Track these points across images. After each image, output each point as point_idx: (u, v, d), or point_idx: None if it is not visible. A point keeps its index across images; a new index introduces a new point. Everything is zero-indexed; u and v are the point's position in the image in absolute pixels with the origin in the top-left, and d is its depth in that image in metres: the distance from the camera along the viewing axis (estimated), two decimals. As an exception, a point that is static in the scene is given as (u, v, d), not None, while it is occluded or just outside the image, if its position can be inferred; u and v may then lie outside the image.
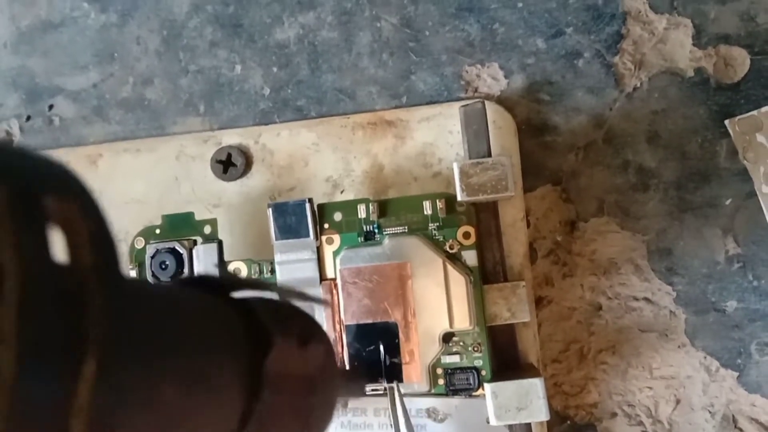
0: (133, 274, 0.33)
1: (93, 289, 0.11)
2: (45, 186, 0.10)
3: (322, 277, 0.32)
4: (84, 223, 0.11)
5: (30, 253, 0.10)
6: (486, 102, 0.32)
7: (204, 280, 0.17)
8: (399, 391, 0.30)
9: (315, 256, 0.32)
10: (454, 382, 0.30)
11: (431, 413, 0.31)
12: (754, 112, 0.33)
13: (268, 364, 0.16)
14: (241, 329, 0.17)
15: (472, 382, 0.30)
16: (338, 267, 0.31)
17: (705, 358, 0.33)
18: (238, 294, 0.18)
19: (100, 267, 0.11)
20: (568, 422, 0.33)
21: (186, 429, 0.14)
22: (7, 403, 0.09)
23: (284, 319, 0.18)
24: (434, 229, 0.31)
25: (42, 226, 0.10)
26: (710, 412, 0.33)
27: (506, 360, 0.31)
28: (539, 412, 0.29)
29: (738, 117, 0.33)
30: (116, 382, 0.11)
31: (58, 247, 0.10)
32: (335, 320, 0.31)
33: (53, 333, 0.10)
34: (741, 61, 0.33)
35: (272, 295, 0.20)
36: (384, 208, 0.32)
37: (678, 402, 0.33)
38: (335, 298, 0.31)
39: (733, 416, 0.32)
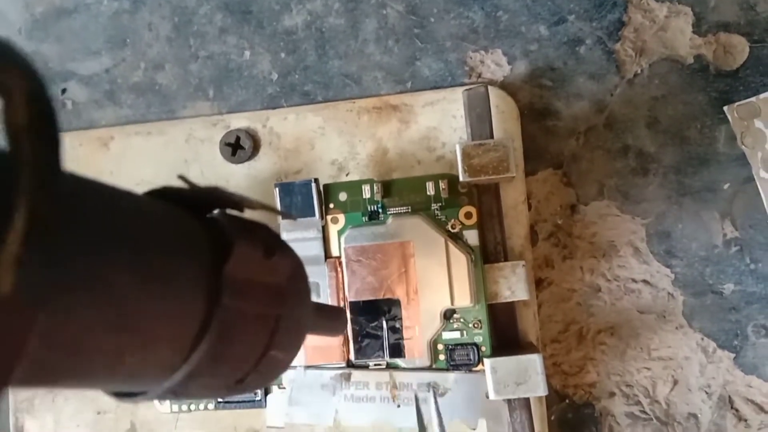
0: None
1: (27, 146, 0.11)
2: None
3: (327, 256, 0.33)
4: (22, 86, 0.11)
5: None
6: (489, 87, 0.32)
7: (173, 192, 0.17)
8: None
9: (320, 235, 0.33)
10: (454, 358, 0.31)
11: (432, 387, 0.31)
12: (753, 99, 0.33)
13: (229, 268, 0.16)
14: (203, 236, 0.17)
15: (472, 357, 0.31)
16: (343, 245, 0.32)
17: (702, 339, 0.33)
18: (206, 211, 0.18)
19: (35, 126, 0.11)
20: (567, 401, 0.34)
21: (142, 323, 0.14)
22: None
23: (248, 230, 0.18)
24: (437, 209, 0.32)
25: None
26: (707, 393, 0.33)
27: (506, 338, 0.32)
28: (537, 387, 0.29)
29: (737, 103, 0.33)
30: (58, 259, 0.11)
31: None
32: (340, 297, 0.32)
33: None
34: (740, 48, 0.34)
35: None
36: (388, 188, 0.33)
37: (675, 383, 0.33)
38: (340, 275, 0.32)
39: (730, 397, 0.33)
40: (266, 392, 0.33)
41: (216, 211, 0.18)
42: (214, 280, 0.16)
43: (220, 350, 0.16)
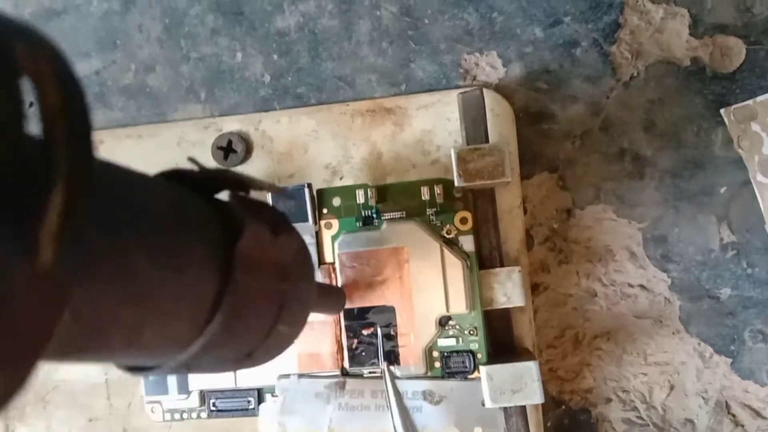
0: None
1: (61, 127, 0.11)
2: (13, 36, 0.11)
3: (321, 261, 0.32)
4: (52, 69, 0.11)
5: (3, 101, 0.10)
6: (484, 90, 0.32)
7: (182, 174, 0.18)
8: (392, 373, 0.31)
9: (314, 241, 0.32)
10: (450, 365, 0.31)
11: (427, 395, 0.31)
12: (749, 102, 0.33)
13: (241, 246, 0.16)
14: (213, 217, 0.17)
15: (467, 365, 0.31)
16: (336, 251, 0.32)
17: (699, 344, 0.33)
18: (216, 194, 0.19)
19: (67, 106, 0.11)
20: (563, 407, 0.34)
21: (160, 299, 0.15)
22: None
23: (256, 209, 0.18)
24: (432, 215, 0.32)
25: (15, 74, 0.10)
26: (704, 398, 0.33)
27: (502, 344, 0.32)
28: (534, 395, 0.29)
29: (733, 106, 0.33)
30: (85, 238, 0.12)
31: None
32: (333, 304, 0.32)
33: (25, 163, 0.10)
34: (737, 50, 0.33)
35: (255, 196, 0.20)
36: (382, 193, 0.32)
37: (672, 388, 0.33)
38: (333, 281, 0.32)
39: (726, 402, 0.33)
40: (259, 401, 0.33)
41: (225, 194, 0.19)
42: (225, 258, 0.16)
43: (232, 324, 0.17)
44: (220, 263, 0.16)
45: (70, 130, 0.11)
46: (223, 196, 0.19)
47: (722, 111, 0.33)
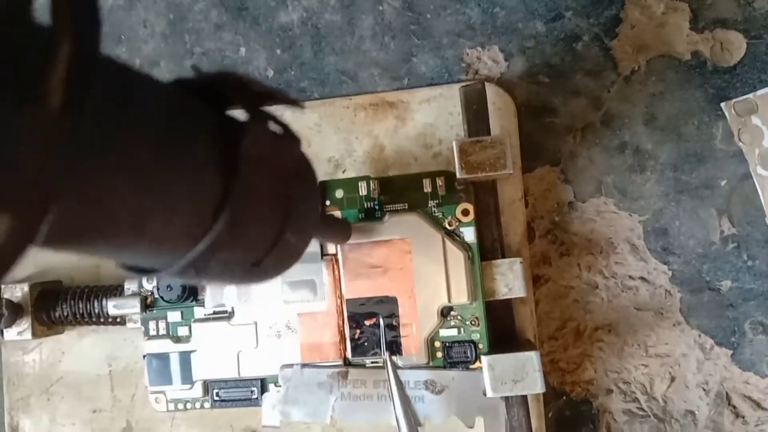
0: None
1: None
2: None
3: (324, 253, 0.32)
4: None
5: None
6: (486, 84, 0.32)
7: (185, 81, 0.18)
8: (394, 362, 0.31)
9: (316, 232, 0.32)
10: (451, 355, 0.31)
11: (429, 385, 0.31)
12: (750, 95, 0.33)
13: (245, 145, 0.17)
14: (216, 119, 0.17)
15: (469, 354, 0.31)
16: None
17: (699, 336, 0.33)
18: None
19: None
20: (565, 398, 0.34)
21: (163, 190, 0.15)
22: None
23: (260, 114, 0.18)
24: (434, 206, 0.32)
25: None
26: (704, 390, 0.33)
27: (503, 335, 0.32)
28: (535, 385, 0.29)
29: (734, 100, 0.33)
30: (85, 119, 0.12)
31: None
32: (336, 295, 0.32)
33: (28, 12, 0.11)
34: (737, 45, 0.34)
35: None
36: (384, 185, 0.32)
37: (673, 379, 0.33)
38: (336, 273, 0.32)
39: (727, 393, 0.33)
40: (262, 390, 0.33)
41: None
42: (229, 157, 0.17)
43: (238, 223, 0.17)
44: (225, 163, 0.16)
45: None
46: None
47: (723, 105, 0.33)
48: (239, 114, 0.18)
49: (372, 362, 0.32)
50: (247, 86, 0.18)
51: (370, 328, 0.31)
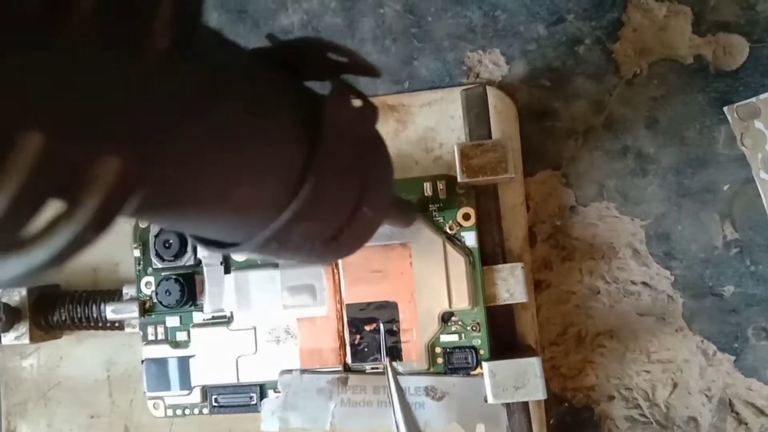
0: (137, 253, 0.34)
1: None
2: None
3: (324, 257, 0.32)
4: None
5: None
6: (487, 87, 0.32)
7: (263, 51, 0.18)
8: (394, 368, 0.30)
9: (316, 237, 0.32)
10: (452, 361, 0.31)
11: (430, 391, 0.31)
12: (753, 99, 0.33)
13: (328, 110, 0.17)
14: (297, 86, 0.17)
15: (470, 360, 0.31)
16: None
17: (702, 342, 0.33)
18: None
19: None
20: (566, 404, 0.34)
21: (251, 151, 0.15)
22: None
23: (340, 81, 0.18)
24: (434, 211, 0.32)
25: None
26: (707, 396, 0.33)
27: (504, 341, 0.32)
28: (536, 391, 0.29)
29: (736, 104, 0.33)
30: (188, 65, 0.12)
31: None
32: (336, 300, 0.32)
33: None
34: (740, 48, 0.33)
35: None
36: (385, 189, 0.32)
37: (675, 386, 0.33)
38: (336, 277, 0.32)
39: (730, 400, 0.33)
40: (261, 396, 0.32)
41: None
42: (312, 125, 0.17)
43: (321, 192, 0.17)
44: (308, 130, 0.16)
45: None
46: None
47: (725, 109, 0.33)
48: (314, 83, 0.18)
49: (372, 368, 0.32)
50: (327, 54, 0.17)
51: (370, 334, 0.31)
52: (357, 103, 0.18)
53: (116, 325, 0.34)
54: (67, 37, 0.09)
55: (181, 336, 0.33)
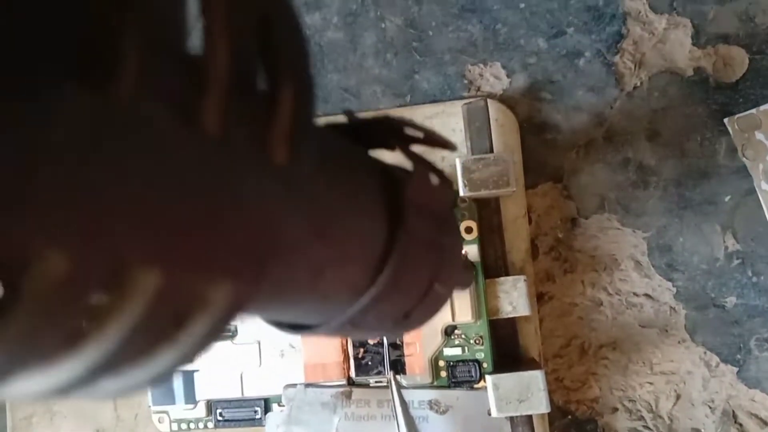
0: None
1: (280, 29, 0.11)
2: None
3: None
4: None
5: None
6: (488, 100, 0.32)
7: (337, 126, 0.18)
8: (398, 382, 0.31)
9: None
10: (456, 374, 0.31)
11: (433, 405, 0.31)
12: (753, 111, 0.33)
13: (410, 190, 0.16)
14: (376, 162, 0.17)
15: (473, 374, 0.31)
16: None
17: (705, 353, 0.33)
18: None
19: (282, 12, 0.11)
20: (570, 417, 0.34)
21: (340, 235, 0.14)
22: (222, 99, 0.09)
23: (418, 157, 0.18)
24: (437, 224, 0.32)
25: None
26: (710, 407, 0.33)
27: (508, 353, 0.32)
28: (540, 404, 0.29)
29: (737, 115, 0.33)
30: (301, 171, 0.11)
31: None
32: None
33: (252, 56, 0.10)
34: (740, 60, 0.34)
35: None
36: (387, 203, 0.32)
37: (678, 397, 0.33)
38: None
39: (733, 411, 0.33)
40: (266, 410, 0.33)
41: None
42: (393, 203, 0.16)
43: (400, 274, 0.16)
44: (389, 209, 0.16)
45: (289, 32, 0.11)
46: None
47: (726, 120, 0.33)
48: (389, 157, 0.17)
49: (376, 382, 0.32)
50: (404, 130, 0.17)
51: (373, 347, 0.31)
52: (435, 180, 0.18)
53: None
54: (203, 155, 0.09)
55: (185, 350, 0.33)
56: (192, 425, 0.33)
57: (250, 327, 0.32)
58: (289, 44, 0.11)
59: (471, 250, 0.31)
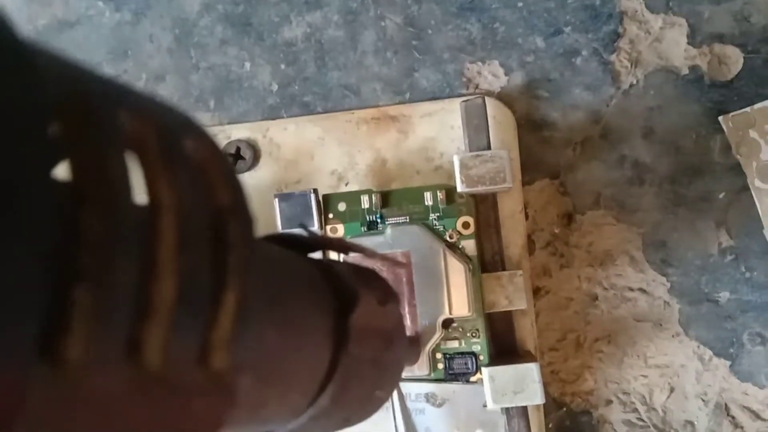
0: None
1: (233, 228, 0.11)
2: (182, 128, 0.10)
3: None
4: (219, 165, 0.11)
5: (181, 190, 0.10)
6: (486, 98, 0.33)
7: (289, 238, 0.18)
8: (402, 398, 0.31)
9: (320, 245, 0.33)
10: (453, 367, 0.31)
11: (430, 398, 0.32)
12: (747, 109, 0.34)
13: (355, 318, 0.16)
14: (325, 285, 0.17)
15: (470, 366, 0.31)
16: (341, 256, 0.32)
17: (698, 347, 0.34)
18: (316, 255, 0.19)
19: (238, 205, 0.11)
20: (565, 409, 0.34)
21: (284, 375, 0.14)
22: (164, 336, 0.09)
23: (366, 279, 0.18)
24: (435, 219, 0.32)
25: (186, 164, 0.10)
26: (703, 400, 0.33)
27: (504, 347, 0.32)
28: (535, 396, 0.30)
29: (731, 113, 0.34)
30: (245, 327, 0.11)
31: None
32: (339, 307, 0.32)
33: (201, 267, 0.10)
34: (734, 59, 0.34)
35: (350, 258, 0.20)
36: (386, 198, 0.33)
37: (672, 390, 0.34)
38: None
39: (726, 404, 0.33)
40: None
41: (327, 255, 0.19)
42: (338, 328, 0.16)
43: (341, 394, 0.16)
44: (334, 334, 0.16)
45: (241, 230, 0.11)
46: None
47: (720, 118, 0.34)
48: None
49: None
50: (347, 249, 0.18)
51: (372, 340, 0.32)
52: (383, 300, 0.18)
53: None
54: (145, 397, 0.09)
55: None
56: None
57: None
58: (240, 247, 0.11)
59: (468, 246, 0.32)
